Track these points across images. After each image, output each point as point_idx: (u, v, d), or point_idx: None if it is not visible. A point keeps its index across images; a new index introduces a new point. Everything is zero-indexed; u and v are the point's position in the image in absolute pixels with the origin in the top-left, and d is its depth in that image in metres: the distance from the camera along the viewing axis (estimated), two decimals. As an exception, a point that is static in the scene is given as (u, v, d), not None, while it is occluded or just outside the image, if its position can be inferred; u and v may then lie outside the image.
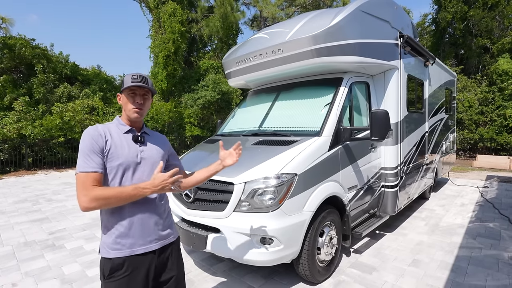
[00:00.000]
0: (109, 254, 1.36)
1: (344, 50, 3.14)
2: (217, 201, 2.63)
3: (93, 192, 1.27)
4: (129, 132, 1.48)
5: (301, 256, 2.61)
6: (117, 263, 1.35)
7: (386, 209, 3.90)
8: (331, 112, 3.05)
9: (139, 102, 1.46)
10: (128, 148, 1.42)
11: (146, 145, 1.51)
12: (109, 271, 1.35)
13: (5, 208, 5.67)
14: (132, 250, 1.38)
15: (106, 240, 1.39)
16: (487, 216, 4.78)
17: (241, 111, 4.22)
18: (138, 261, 1.38)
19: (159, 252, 1.46)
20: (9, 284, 2.85)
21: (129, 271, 1.35)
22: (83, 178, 1.29)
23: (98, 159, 1.34)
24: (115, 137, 1.42)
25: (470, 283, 2.78)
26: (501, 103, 13.09)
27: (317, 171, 2.74)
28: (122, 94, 1.48)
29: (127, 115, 1.48)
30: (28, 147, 10.62)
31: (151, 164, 1.48)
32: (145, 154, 1.48)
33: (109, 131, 1.43)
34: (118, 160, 1.38)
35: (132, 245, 1.38)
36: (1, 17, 13.02)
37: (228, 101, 16.38)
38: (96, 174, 1.32)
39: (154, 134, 1.63)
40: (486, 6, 14.82)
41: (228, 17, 18.06)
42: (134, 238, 1.38)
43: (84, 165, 1.31)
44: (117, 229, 1.38)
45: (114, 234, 1.38)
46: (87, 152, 1.33)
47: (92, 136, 1.36)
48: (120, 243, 1.37)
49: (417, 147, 4.59)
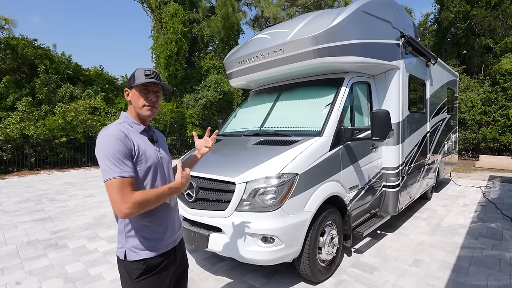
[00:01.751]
0: (140, 255, 1.34)
1: (345, 50, 3.15)
2: (218, 201, 2.64)
3: (133, 198, 1.21)
4: (144, 132, 1.43)
5: (302, 256, 2.62)
6: (150, 263, 1.35)
7: (387, 209, 3.90)
8: (332, 112, 3.06)
9: (153, 100, 1.39)
10: (150, 149, 1.39)
11: (159, 144, 1.51)
12: (141, 272, 1.33)
13: (8, 207, 5.71)
14: (160, 249, 1.39)
15: (134, 242, 1.35)
16: (489, 217, 4.77)
17: (242, 111, 4.24)
18: (164, 259, 1.41)
19: (176, 249, 1.51)
20: (13, 283, 2.88)
21: (158, 268, 1.37)
22: (118, 184, 1.20)
23: (130, 162, 1.28)
24: (136, 138, 1.35)
25: (471, 283, 2.78)
26: (504, 103, 13.02)
27: (318, 171, 2.75)
28: (132, 89, 1.39)
29: (137, 113, 1.40)
30: (30, 147, 10.69)
31: (166, 162, 1.50)
32: (161, 153, 1.48)
33: (130, 132, 1.35)
34: (148, 162, 1.35)
35: (160, 244, 1.40)
36: (3, 18, 13.11)
37: (230, 101, 16.42)
38: (132, 178, 1.26)
39: (157, 132, 1.62)
40: (488, 5, 14.75)
41: (230, 17, 18.10)
42: (162, 237, 1.41)
43: (117, 170, 1.21)
44: (146, 231, 1.36)
45: (144, 236, 1.36)
46: (117, 155, 1.23)
47: (121, 138, 1.27)
48: (150, 244, 1.36)
49: (418, 147, 4.58)
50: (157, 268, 1.37)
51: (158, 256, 1.38)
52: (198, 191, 2.75)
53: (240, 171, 2.57)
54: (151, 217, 1.38)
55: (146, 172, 1.35)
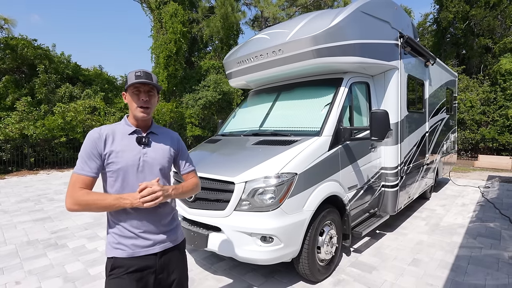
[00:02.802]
0: (112, 253, 1.37)
1: (344, 50, 3.16)
2: (218, 200, 2.65)
3: (76, 195, 1.28)
4: (134, 133, 1.43)
5: (301, 255, 2.63)
6: (118, 262, 1.35)
7: (386, 208, 3.91)
8: (331, 112, 3.07)
9: (144, 99, 1.41)
10: (130, 151, 1.38)
11: (150, 147, 1.45)
12: (110, 269, 1.36)
13: (8, 207, 5.71)
14: (133, 252, 1.37)
15: (109, 239, 1.41)
16: (487, 216, 4.78)
17: (242, 111, 4.25)
18: (138, 263, 1.37)
19: (160, 255, 1.44)
20: (13, 282, 2.89)
21: (129, 271, 1.34)
22: (74, 179, 1.32)
23: (94, 163, 1.34)
24: (118, 140, 1.39)
25: (469, 282, 2.79)
26: (503, 103, 13.04)
27: (317, 170, 2.76)
28: (127, 92, 1.44)
29: (133, 115, 1.44)
30: (30, 147, 10.68)
31: (154, 167, 1.43)
32: (149, 157, 1.43)
33: (113, 133, 1.40)
34: (118, 165, 1.36)
35: (134, 246, 1.38)
36: (3, 18, 13.10)
37: (229, 101, 16.42)
38: (87, 178, 1.32)
39: (163, 133, 1.56)
40: (487, 5, 14.78)
41: (229, 17, 18.09)
42: (136, 240, 1.38)
43: (79, 167, 1.33)
44: (119, 230, 1.38)
45: (117, 234, 1.38)
46: (85, 154, 1.34)
47: (93, 139, 1.35)
48: (122, 243, 1.37)
49: (417, 147, 4.60)
50: (126, 270, 1.34)
51: (130, 258, 1.35)
52: (197, 190, 2.75)
53: (239, 171, 2.58)
54: (125, 216, 1.37)
55: (116, 174, 1.36)
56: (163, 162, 1.48)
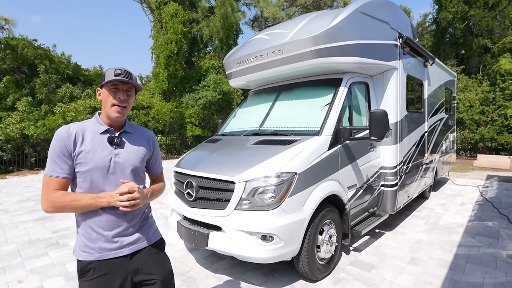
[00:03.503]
0: (80, 256, 1.33)
1: (343, 51, 3.19)
2: (218, 200, 2.67)
3: (51, 197, 1.24)
4: (106, 133, 1.36)
5: (301, 254, 2.65)
6: (86, 266, 1.31)
7: (386, 208, 3.94)
8: (331, 112, 3.09)
9: (122, 98, 1.34)
10: (100, 152, 1.32)
11: (123, 147, 1.38)
12: (80, 271, 1.32)
13: (9, 207, 5.73)
14: (101, 255, 1.32)
15: (77, 241, 1.36)
16: (486, 215, 4.81)
17: (242, 111, 4.27)
18: (108, 265, 1.32)
19: (131, 256, 1.38)
20: (15, 281, 2.91)
21: (99, 274, 1.30)
22: (46, 182, 1.27)
23: (64, 164, 1.28)
24: (88, 139, 1.32)
25: (468, 281, 2.82)
26: (502, 103, 13.09)
27: (317, 170, 2.78)
28: (103, 89, 1.35)
29: (107, 113, 1.36)
30: (30, 147, 10.70)
31: (125, 168, 1.37)
32: (121, 157, 1.36)
33: (83, 132, 1.32)
34: (87, 165, 1.29)
35: (101, 249, 1.32)
36: (4, 18, 13.12)
37: (229, 101, 16.45)
38: (60, 179, 1.27)
39: (137, 132, 1.49)
40: (486, 5, 14.82)
41: (229, 17, 18.13)
42: (104, 242, 1.33)
43: (49, 169, 1.27)
44: (87, 232, 1.33)
45: (84, 237, 1.33)
46: (54, 154, 1.27)
47: (61, 138, 1.28)
48: (89, 246, 1.32)
49: (416, 146, 4.62)
50: (97, 273, 1.30)
51: (98, 261, 1.31)
52: (198, 190, 2.78)
53: (240, 171, 2.60)
54: (93, 217, 1.32)
55: (85, 174, 1.30)
56: (135, 163, 1.41)
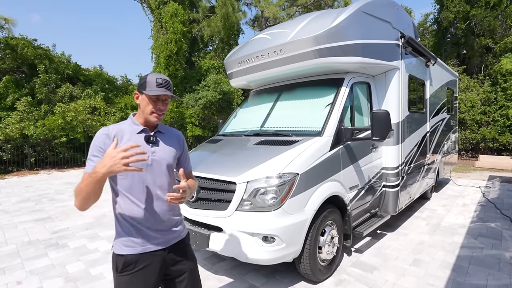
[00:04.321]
0: (122, 250, 1.39)
1: (345, 50, 3.16)
2: (219, 200, 2.65)
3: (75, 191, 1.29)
4: (142, 132, 1.45)
5: (302, 255, 2.63)
6: (129, 259, 1.38)
7: (387, 208, 3.91)
8: (333, 112, 3.07)
9: (162, 108, 1.43)
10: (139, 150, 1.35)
11: (158, 146, 1.47)
12: (122, 266, 1.38)
13: (8, 207, 5.71)
14: (143, 248, 1.40)
15: (119, 236, 1.43)
16: (488, 216, 4.78)
17: (243, 111, 4.25)
18: (149, 258, 1.41)
19: (169, 249, 1.48)
20: (14, 282, 2.89)
21: (140, 266, 1.39)
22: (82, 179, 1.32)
23: None
24: (126, 139, 1.40)
25: (471, 283, 2.79)
26: (504, 103, 13.05)
27: (319, 170, 2.76)
28: (143, 94, 1.42)
29: (145, 117, 1.45)
30: (30, 147, 10.68)
31: (162, 165, 1.46)
32: (157, 155, 1.45)
33: (121, 133, 1.41)
34: None
35: (144, 243, 1.41)
36: (3, 18, 13.10)
37: (229, 101, 16.42)
38: None
39: (169, 132, 1.59)
40: (488, 5, 14.78)
41: (230, 17, 18.10)
42: (145, 237, 1.41)
43: (88, 167, 1.32)
44: (129, 227, 1.40)
45: (126, 232, 1.40)
46: (93, 154, 1.35)
47: (101, 138, 1.36)
48: (133, 241, 1.40)
49: (418, 147, 4.60)
50: (137, 267, 1.37)
51: (140, 254, 1.39)
52: (199, 190, 2.76)
53: (241, 171, 2.58)
54: (132, 214, 1.40)
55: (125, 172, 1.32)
56: (170, 160, 1.50)
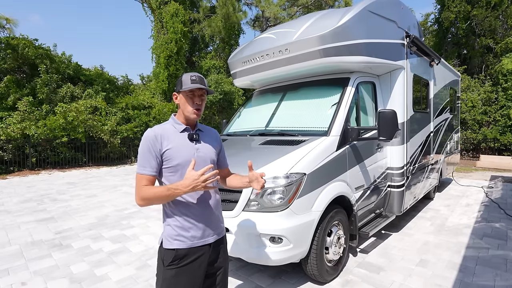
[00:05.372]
0: (172, 245, 1.46)
1: (351, 50, 3.14)
2: (226, 201, 2.62)
3: (141, 193, 1.41)
4: (184, 131, 1.54)
5: (309, 256, 2.61)
6: (179, 253, 1.45)
7: (392, 209, 3.90)
8: (339, 112, 3.05)
9: (198, 103, 1.51)
10: (185, 148, 1.50)
11: (200, 143, 1.57)
12: (171, 260, 1.45)
13: (10, 207, 5.69)
14: (192, 243, 1.47)
15: (169, 232, 1.49)
16: (493, 217, 4.77)
17: (246, 111, 4.23)
18: (196, 252, 1.48)
19: (213, 245, 1.55)
20: (19, 283, 2.87)
21: (188, 260, 1.46)
22: (138, 179, 1.44)
23: (153, 162, 1.44)
24: (172, 138, 1.49)
25: (478, 283, 2.77)
26: (505, 103, 13.04)
27: (326, 170, 2.74)
28: (180, 94, 1.52)
29: (185, 115, 1.53)
30: (31, 147, 10.66)
31: (207, 161, 1.55)
32: (201, 152, 1.54)
33: (166, 132, 1.49)
34: (176, 160, 1.46)
35: (193, 238, 1.48)
36: (5, 18, 13.08)
37: (230, 101, 16.41)
38: (148, 176, 1.44)
39: (206, 130, 1.68)
40: (489, 5, 14.78)
41: (230, 17, 18.09)
42: (194, 231, 1.48)
43: (140, 167, 1.44)
44: (179, 221, 1.48)
45: (177, 226, 1.47)
46: (144, 154, 1.44)
47: (149, 140, 1.45)
48: (182, 235, 1.47)
49: (422, 147, 4.58)
50: (185, 260, 1.45)
51: (189, 248, 1.46)
52: (205, 191, 2.73)
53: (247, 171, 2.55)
54: (183, 210, 1.48)
55: (175, 169, 1.47)
56: (213, 156, 1.60)
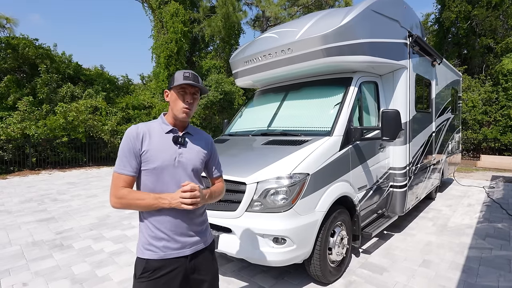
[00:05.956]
0: (144, 254, 1.36)
1: (354, 49, 3.13)
2: (228, 201, 2.61)
3: (119, 194, 1.30)
4: (170, 132, 1.42)
5: (313, 256, 2.60)
6: (150, 265, 1.34)
7: (395, 209, 3.88)
8: (342, 112, 3.04)
9: (189, 101, 1.40)
10: (166, 151, 1.37)
11: (186, 147, 1.44)
12: (141, 271, 1.34)
13: (11, 208, 5.67)
14: (165, 254, 1.35)
15: (141, 239, 1.39)
16: (495, 217, 4.76)
17: (248, 110, 4.21)
18: (170, 265, 1.36)
19: (191, 257, 1.42)
20: (20, 284, 2.85)
21: (160, 274, 1.33)
22: (115, 178, 1.33)
23: (133, 162, 1.34)
24: (155, 138, 1.38)
25: (482, 284, 2.76)
26: (506, 103, 13.03)
27: (329, 171, 2.72)
28: (171, 91, 1.42)
29: (174, 114, 1.42)
30: (31, 147, 10.63)
31: (187, 169, 1.41)
32: (184, 157, 1.41)
33: (149, 131, 1.39)
34: (154, 163, 1.35)
35: (165, 248, 1.36)
36: (5, 17, 13.05)
37: (231, 101, 16.38)
38: (127, 177, 1.33)
39: (198, 134, 1.54)
40: (490, 5, 14.78)
41: (230, 17, 18.05)
42: (168, 242, 1.36)
43: (119, 166, 1.34)
44: (152, 230, 1.36)
45: (149, 236, 1.36)
46: (124, 153, 1.34)
47: (131, 137, 1.35)
48: (154, 245, 1.35)
49: (424, 147, 4.57)
50: (157, 273, 1.33)
51: (161, 260, 1.34)
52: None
53: (251, 171, 2.54)
54: (159, 216, 1.36)
55: (152, 172, 1.36)
56: (196, 164, 1.46)
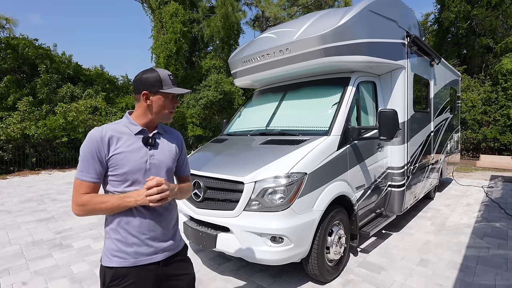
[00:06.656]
0: (111, 262, 1.25)
1: (352, 49, 3.14)
2: (226, 200, 2.63)
3: (80, 201, 1.21)
4: (140, 133, 1.31)
5: (310, 255, 2.61)
6: (119, 273, 1.24)
7: (393, 208, 3.90)
8: (340, 112, 3.05)
9: (176, 105, 1.38)
10: (136, 154, 1.27)
11: (157, 148, 1.35)
12: (110, 280, 1.24)
13: (11, 207, 5.69)
14: (136, 260, 1.26)
15: (108, 246, 1.28)
16: (493, 216, 4.77)
17: (247, 110, 4.23)
18: (140, 273, 1.26)
19: (163, 263, 1.34)
20: (20, 283, 2.87)
21: (130, 281, 1.24)
22: (77, 185, 1.23)
23: (97, 167, 1.23)
24: (123, 141, 1.27)
25: (479, 283, 2.77)
26: (505, 102, 13.05)
27: (326, 170, 2.74)
28: (157, 94, 1.30)
29: (155, 117, 1.33)
30: (31, 147, 10.65)
31: (161, 169, 1.34)
32: (156, 159, 1.33)
33: (117, 134, 1.27)
34: (124, 168, 1.24)
35: (136, 254, 1.27)
36: (5, 18, 13.08)
37: (230, 101, 16.40)
38: (90, 184, 1.23)
39: (168, 132, 1.46)
40: (489, 5, 14.79)
41: (229, 17, 18.06)
42: (139, 247, 1.27)
43: (81, 172, 1.23)
44: (122, 235, 1.26)
45: (118, 241, 1.26)
46: (86, 158, 1.22)
47: (94, 141, 1.22)
48: (124, 251, 1.25)
49: (423, 146, 4.58)
50: (127, 281, 1.23)
51: (131, 267, 1.25)
52: (205, 190, 2.74)
53: (249, 171, 2.56)
54: (130, 219, 1.26)
55: (123, 177, 1.26)
56: (169, 164, 1.39)
